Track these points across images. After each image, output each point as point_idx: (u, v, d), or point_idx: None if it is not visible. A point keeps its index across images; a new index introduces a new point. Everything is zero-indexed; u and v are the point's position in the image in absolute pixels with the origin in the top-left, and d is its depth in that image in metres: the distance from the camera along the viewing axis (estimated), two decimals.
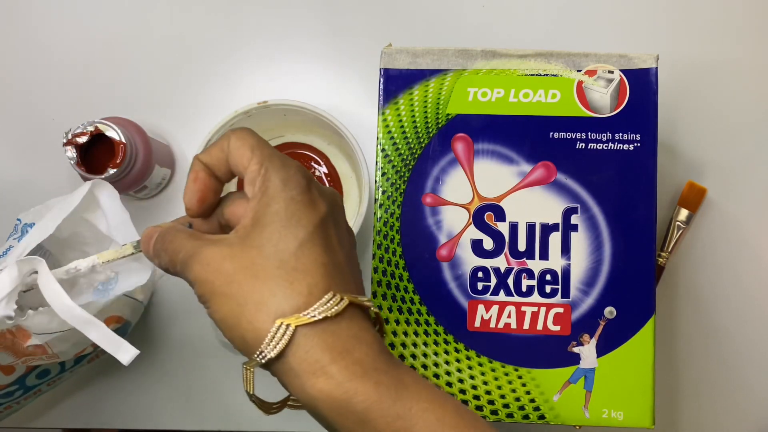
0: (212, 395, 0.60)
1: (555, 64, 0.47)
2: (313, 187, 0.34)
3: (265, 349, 0.31)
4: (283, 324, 0.30)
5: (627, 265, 0.45)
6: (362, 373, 0.31)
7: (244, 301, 0.31)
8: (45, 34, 0.64)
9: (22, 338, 0.44)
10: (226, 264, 0.32)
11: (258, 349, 0.31)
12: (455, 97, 0.47)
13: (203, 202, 0.35)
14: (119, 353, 0.43)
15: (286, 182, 0.33)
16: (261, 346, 0.31)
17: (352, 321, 0.32)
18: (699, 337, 0.59)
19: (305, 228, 0.32)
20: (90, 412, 0.60)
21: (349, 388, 0.30)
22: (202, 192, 0.35)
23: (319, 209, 0.33)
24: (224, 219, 0.36)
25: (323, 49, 0.63)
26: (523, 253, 0.46)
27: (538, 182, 0.46)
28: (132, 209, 0.61)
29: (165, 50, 0.63)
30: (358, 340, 0.32)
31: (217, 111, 0.59)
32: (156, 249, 0.35)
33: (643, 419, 0.45)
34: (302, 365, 0.31)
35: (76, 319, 0.42)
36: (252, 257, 0.32)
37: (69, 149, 0.53)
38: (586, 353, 0.45)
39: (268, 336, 0.31)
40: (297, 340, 0.31)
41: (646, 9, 0.62)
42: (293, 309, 0.31)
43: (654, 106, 0.46)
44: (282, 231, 0.32)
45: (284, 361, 0.31)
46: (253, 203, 0.33)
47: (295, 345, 0.31)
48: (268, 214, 0.32)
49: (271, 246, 0.32)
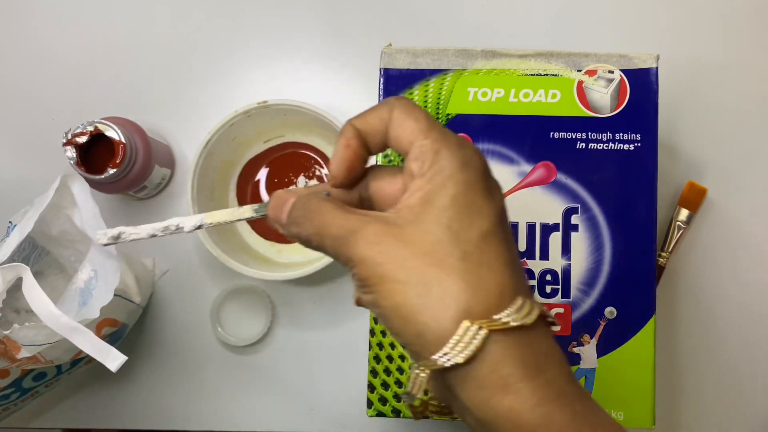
0: (212, 395, 0.59)
1: (555, 64, 0.47)
2: (491, 175, 0.30)
3: (451, 351, 0.26)
4: (473, 326, 0.26)
5: (627, 265, 0.45)
6: (556, 398, 0.27)
7: (425, 292, 0.27)
8: (45, 34, 0.64)
9: (14, 349, 0.44)
10: (399, 245, 0.28)
11: (440, 350, 0.27)
12: (455, 97, 0.47)
13: (351, 171, 0.32)
14: (107, 360, 0.42)
15: (465, 164, 0.29)
16: (445, 347, 0.27)
17: (542, 334, 0.28)
18: (699, 337, 0.59)
19: (488, 218, 0.28)
20: (90, 412, 0.60)
21: (543, 413, 0.26)
22: (351, 161, 0.31)
23: (497, 200, 0.29)
24: (368, 193, 0.32)
25: (323, 49, 0.63)
26: (523, 253, 0.46)
27: (539, 182, 0.46)
28: (132, 209, 0.62)
29: (165, 50, 0.63)
30: (550, 358, 0.28)
31: (217, 111, 0.59)
32: (295, 217, 0.31)
33: (644, 419, 0.45)
34: (491, 377, 0.27)
35: (62, 327, 0.42)
36: (430, 242, 0.28)
37: (69, 149, 0.53)
38: (586, 353, 0.45)
39: (455, 337, 0.26)
40: (488, 348, 0.27)
41: (646, 9, 0.62)
42: (484, 311, 0.27)
43: (654, 106, 0.46)
44: (462, 219, 0.28)
45: (469, 369, 0.27)
46: (422, 182, 0.29)
47: (485, 352, 0.27)
48: (443, 196, 0.28)
49: (450, 233, 0.28)
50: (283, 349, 0.60)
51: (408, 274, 0.28)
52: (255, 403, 0.59)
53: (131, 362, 0.60)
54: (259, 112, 0.55)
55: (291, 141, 0.61)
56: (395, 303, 0.28)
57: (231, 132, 0.56)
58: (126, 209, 0.62)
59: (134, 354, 0.60)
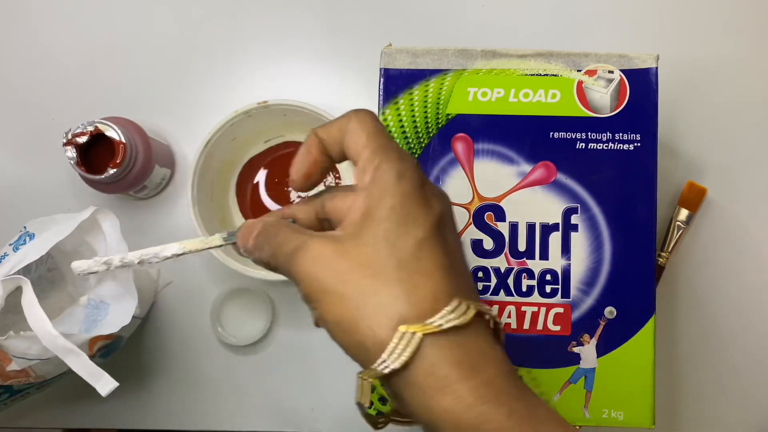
0: (212, 395, 0.60)
1: (555, 64, 0.47)
2: (428, 185, 0.31)
3: (388, 358, 0.27)
4: (408, 331, 0.27)
5: (627, 265, 0.45)
6: (494, 397, 0.27)
7: (362, 303, 0.28)
8: (45, 34, 0.64)
9: (4, 361, 0.44)
10: (338, 260, 0.29)
11: (379, 358, 0.28)
12: (455, 97, 0.47)
13: (309, 178, 0.33)
14: (98, 385, 0.42)
15: (401, 176, 0.30)
16: (383, 354, 0.27)
17: (479, 334, 0.29)
18: (699, 337, 0.59)
19: (422, 227, 0.29)
20: (90, 412, 0.60)
21: (480, 412, 0.27)
22: (310, 168, 0.32)
23: (435, 208, 0.30)
24: (325, 214, 0.33)
25: (323, 49, 0.63)
26: (523, 253, 0.46)
27: (538, 182, 0.46)
28: (132, 209, 0.62)
29: (165, 50, 0.63)
30: (487, 358, 0.29)
31: (217, 111, 0.59)
32: (258, 242, 0.32)
33: (643, 419, 0.45)
34: (428, 380, 0.27)
35: (57, 347, 0.42)
36: (368, 255, 0.29)
37: (69, 149, 0.53)
38: (586, 353, 0.45)
39: (392, 344, 0.27)
40: (423, 351, 0.27)
41: (646, 9, 0.62)
42: (418, 316, 0.28)
43: (654, 106, 0.46)
44: (399, 229, 0.29)
45: (407, 374, 0.28)
46: (363, 195, 0.30)
47: (420, 356, 0.27)
48: (381, 208, 0.29)
49: (387, 244, 0.29)
50: (283, 349, 0.60)
51: (347, 287, 0.29)
52: (255, 403, 0.59)
53: (131, 362, 0.60)
54: (259, 113, 0.55)
55: (291, 140, 0.61)
56: (336, 317, 0.29)
57: (231, 132, 0.56)
58: (126, 209, 0.62)
59: (134, 354, 0.60)
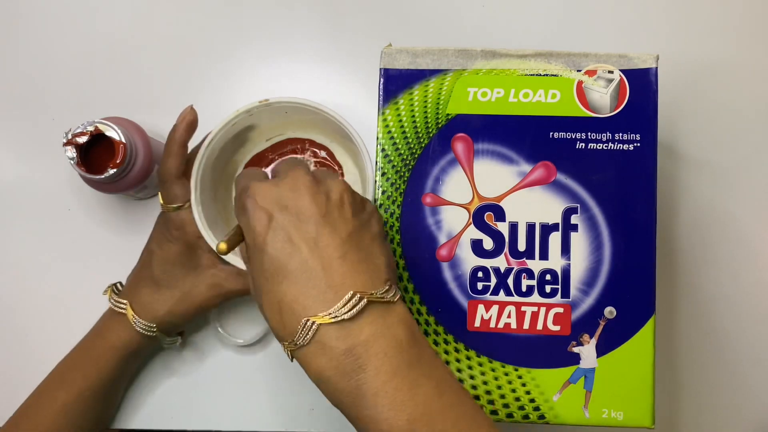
0: (212, 395, 0.60)
1: (555, 64, 0.47)
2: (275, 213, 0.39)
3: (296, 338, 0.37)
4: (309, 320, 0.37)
5: (627, 265, 0.45)
6: (365, 354, 0.36)
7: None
8: (45, 34, 0.64)
9: None
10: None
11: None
12: (455, 97, 0.47)
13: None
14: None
15: (245, 230, 0.40)
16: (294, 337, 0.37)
17: (374, 322, 0.37)
18: (699, 337, 0.59)
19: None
20: None
21: (347, 362, 0.36)
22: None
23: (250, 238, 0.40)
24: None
25: (323, 49, 0.63)
26: (523, 253, 0.46)
27: (538, 182, 0.46)
28: (132, 209, 0.62)
29: (165, 50, 0.63)
30: (377, 338, 0.36)
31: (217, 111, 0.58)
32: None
33: (643, 419, 0.45)
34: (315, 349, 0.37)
35: None
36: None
37: (69, 149, 0.53)
38: (586, 353, 0.45)
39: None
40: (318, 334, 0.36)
41: (646, 9, 0.62)
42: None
43: (654, 106, 0.46)
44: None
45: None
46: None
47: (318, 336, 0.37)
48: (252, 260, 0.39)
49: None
50: None
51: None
52: (255, 403, 0.59)
53: None
54: (261, 111, 0.55)
55: (293, 138, 0.61)
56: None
57: (233, 131, 0.56)
58: (126, 209, 0.62)
59: None
